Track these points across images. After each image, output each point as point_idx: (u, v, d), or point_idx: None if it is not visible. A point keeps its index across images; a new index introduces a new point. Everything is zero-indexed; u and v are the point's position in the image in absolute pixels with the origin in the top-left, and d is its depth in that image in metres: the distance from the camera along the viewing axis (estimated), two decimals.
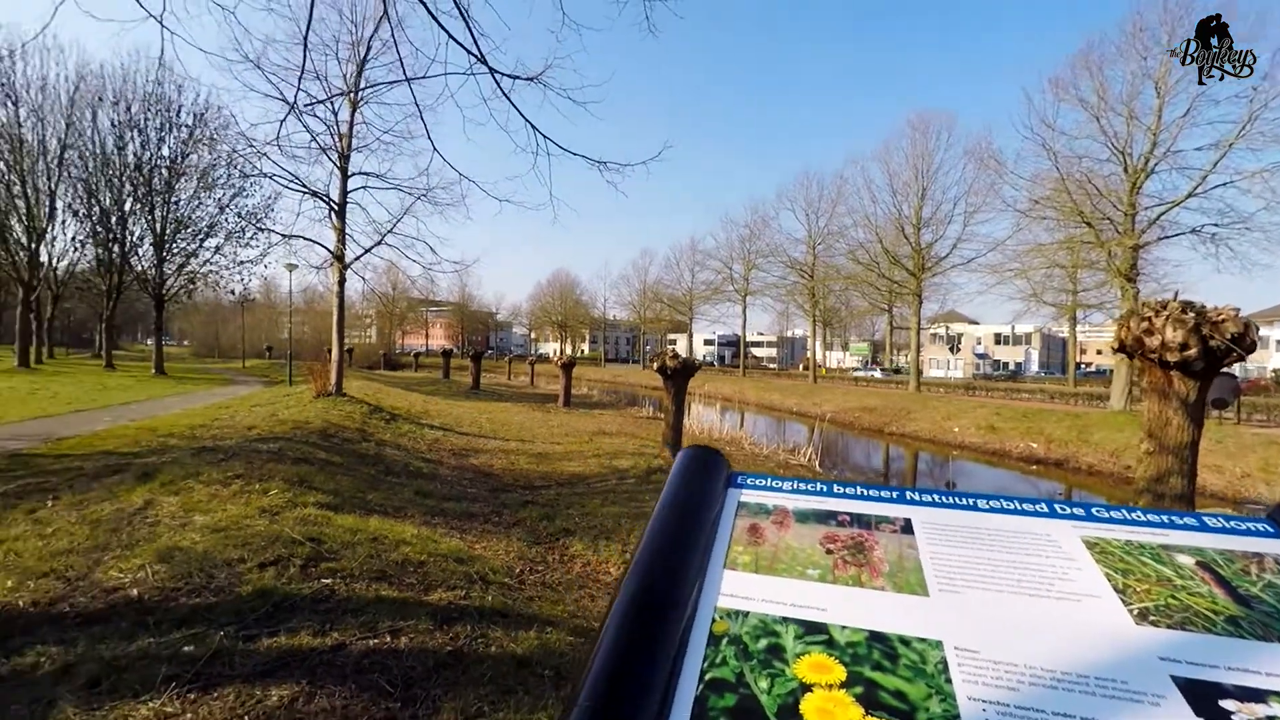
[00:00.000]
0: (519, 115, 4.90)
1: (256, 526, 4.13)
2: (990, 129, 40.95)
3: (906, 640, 0.53)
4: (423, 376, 35.02)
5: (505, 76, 4.77)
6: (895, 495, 0.79)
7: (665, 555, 0.64)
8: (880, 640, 0.53)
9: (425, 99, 17.89)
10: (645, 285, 57.46)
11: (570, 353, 62.12)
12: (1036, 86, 38.04)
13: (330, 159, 14.09)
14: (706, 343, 76.41)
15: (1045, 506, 0.75)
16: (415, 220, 21.14)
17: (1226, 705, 0.44)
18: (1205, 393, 4.47)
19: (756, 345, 77.23)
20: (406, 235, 15.10)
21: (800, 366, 63.15)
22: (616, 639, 0.52)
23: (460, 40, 4.45)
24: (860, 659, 0.50)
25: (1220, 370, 4.40)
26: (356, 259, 15.04)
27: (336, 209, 14.18)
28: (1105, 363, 53.46)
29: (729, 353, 74.68)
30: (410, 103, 26.45)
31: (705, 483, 0.78)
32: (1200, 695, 0.45)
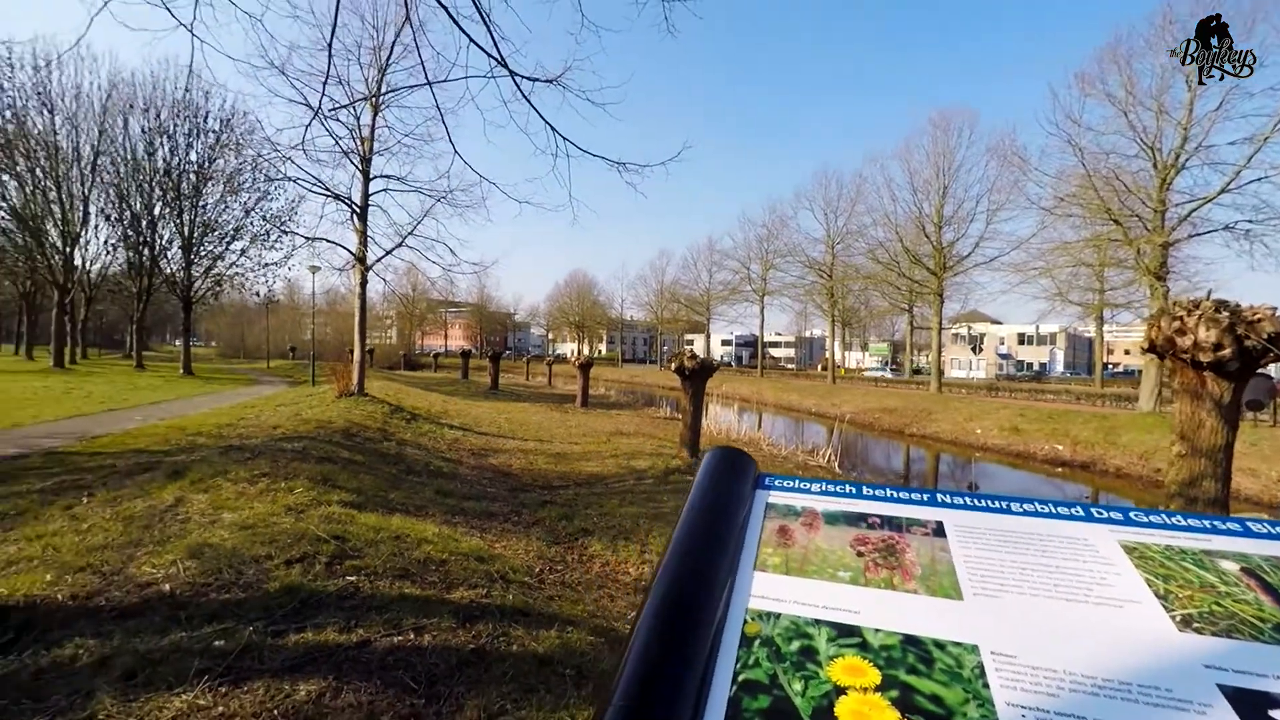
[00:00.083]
0: (539, 117, 4.93)
1: (283, 524, 4.20)
2: (1014, 126, 40.31)
3: (941, 644, 0.52)
4: (442, 377, 35.37)
5: (525, 79, 4.80)
6: (926, 498, 0.78)
7: (695, 556, 0.64)
8: (914, 644, 0.52)
9: (446, 102, 18.06)
10: (662, 285, 57.44)
11: (588, 353, 62.29)
12: (1062, 82, 37.36)
13: (352, 162, 14.29)
14: (724, 343, 76.12)
15: (1081, 510, 0.74)
16: (435, 222, 21.34)
17: (1277, 715, 0.43)
18: (1240, 394, 4.34)
19: (774, 345, 76.77)
20: (427, 237, 15.27)
21: (819, 367, 62.61)
22: (649, 640, 0.52)
23: (481, 44, 4.49)
24: (895, 662, 0.50)
25: (1256, 371, 4.28)
26: (378, 261, 15.23)
27: (358, 212, 14.37)
28: (1133, 363, 52.23)
29: (746, 353, 74.30)
30: (430, 106, 26.73)
31: (733, 484, 0.78)
32: (1248, 704, 0.44)
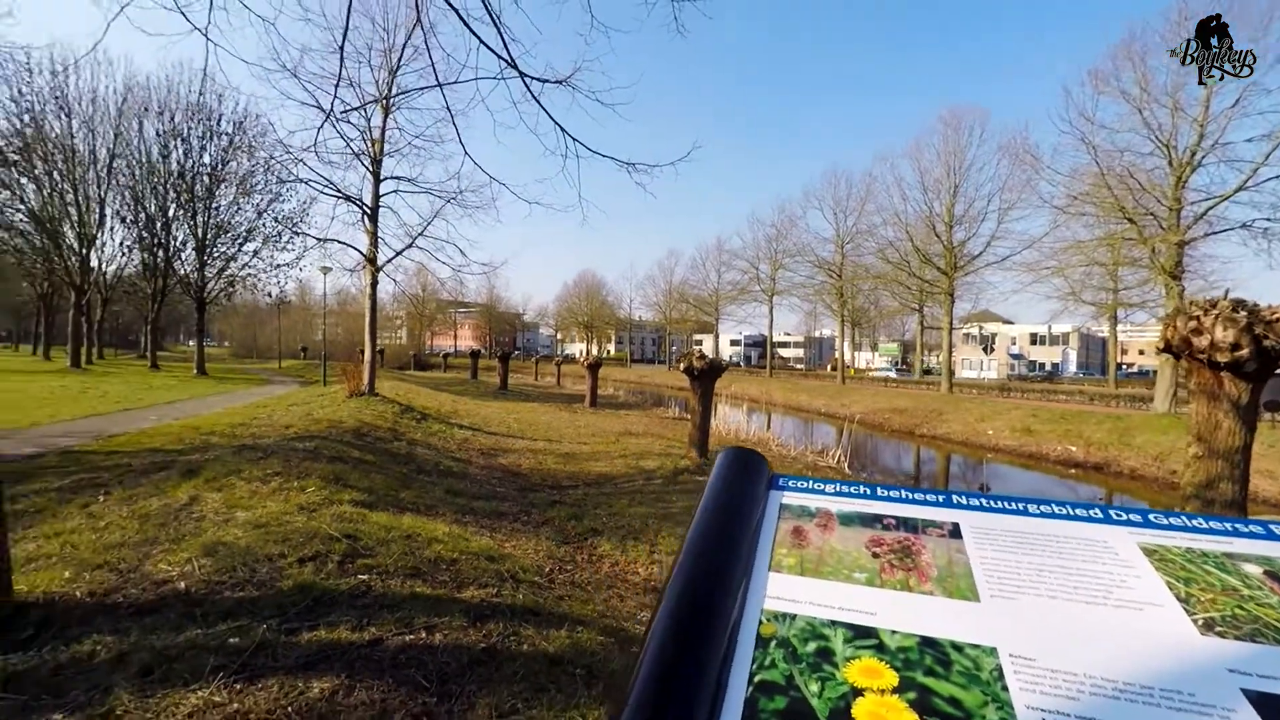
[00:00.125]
0: (549, 118, 4.96)
1: (295, 523, 4.24)
2: (1026, 124, 40.03)
3: (959, 646, 0.52)
4: (451, 377, 35.55)
5: (535, 80, 4.83)
6: (941, 499, 0.78)
7: (709, 557, 0.64)
8: (932, 646, 0.52)
9: (456, 104, 18.18)
10: (671, 286, 57.33)
11: (596, 353, 62.39)
12: (1074, 79, 36.98)
13: (363, 164, 14.39)
14: (733, 343, 75.97)
15: (1099, 512, 0.73)
16: (445, 223, 21.52)
17: None
18: (1258, 395, 4.29)
19: (783, 345, 76.51)
20: (437, 238, 15.37)
21: (828, 367, 62.33)
22: (664, 640, 0.52)
23: (491, 45, 4.52)
24: (912, 664, 0.50)
25: (1274, 372, 4.23)
26: (388, 261, 15.35)
27: (369, 213, 14.48)
28: (1148, 363, 51.63)
29: (755, 353, 74.12)
30: (440, 107, 26.88)
31: (746, 484, 0.77)
32: (1274, 709, 0.43)
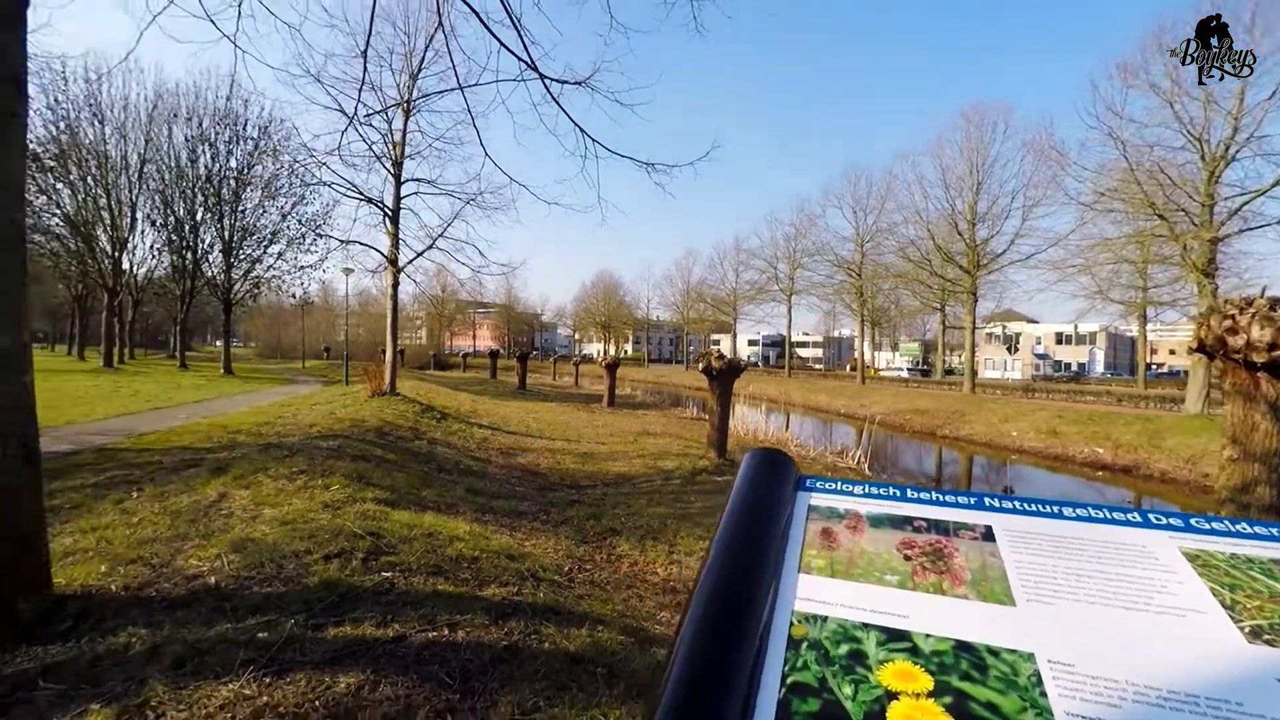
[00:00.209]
0: (568, 119, 4.98)
1: (320, 520, 4.31)
2: (1052, 120, 39.18)
3: (995, 651, 0.51)
4: (471, 377, 35.85)
5: (554, 81, 4.86)
6: (973, 501, 0.76)
7: (738, 558, 0.64)
8: (967, 650, 0.51)
9: (476, 106, 18.33)
10: (689, 285, 57.23)
11: (614, 353, 62.44)
12: (1102, 73, 36.11)
13: (385, 166, 14.59)
14: (750, 343, 75.60)
15: (1138, 516, 0.71)
16: (465, 224, 21.70)
17: None
18: None
19: (802, 345, 75.94)
20: (456, 239, 15.52)
21: (847, 367, 61.74)
22: (695, 641, 0.52)
23: (512, 47, 4.56)
24: (947, 668, 0.49)
25: None
26: (409, 263, 15.53)
27: (390, 214, 14.67)
28: (1179, 363, 50.33)
29: (773, 353, 73.65)
30: (460, 110, 27.11)
31: (774, 486, 0.77)
32: None
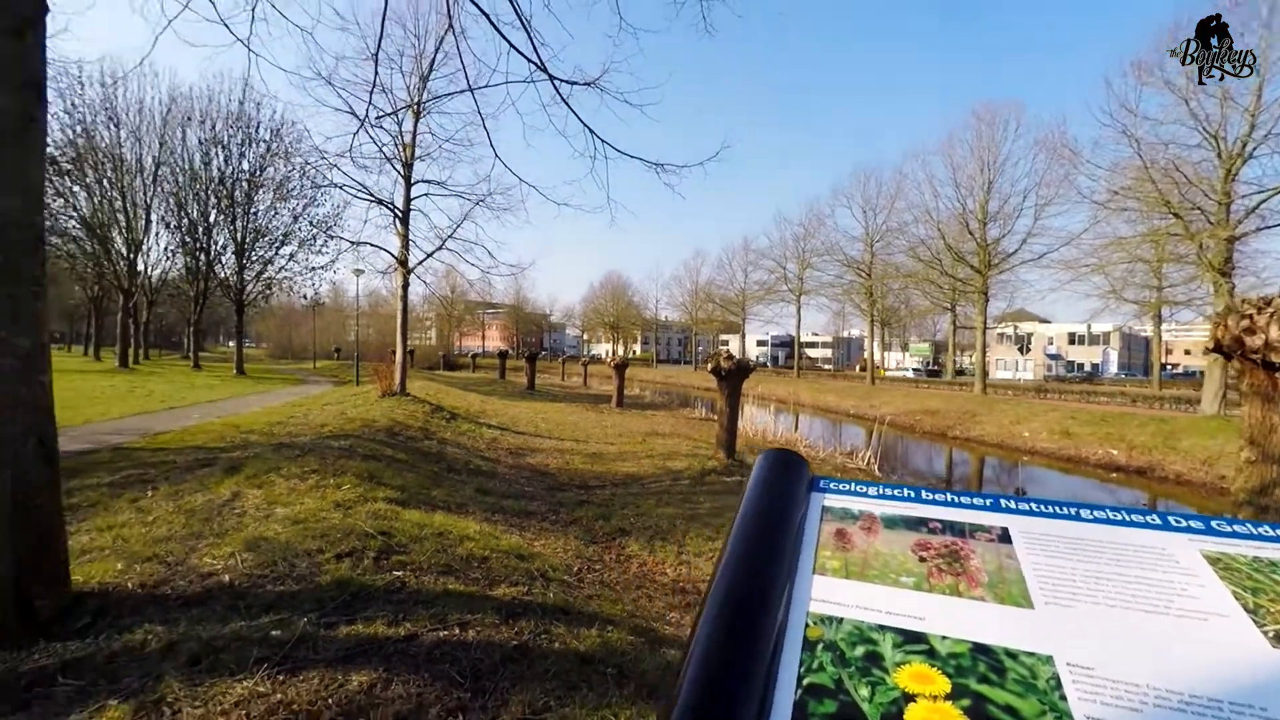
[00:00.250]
0: (577, 120, 4.99)
1: (332, 519, 4.35)
2: (1064, 119, 38.71)
3: (1013, 653, 0.51)
4: (480, 377, 36.01)
5: (564, 82, 4.87)
6: (988, 503, 0.76)
7: (752, 558, 0.63)
8: (985, 652, 0.51)
9: (486, 107, 18.41)
10: (697, 286, 57.22)
11: (622, 354, 62.50)
12: (1116, 70, 35.74)
13: (395, 168, 14.68)
14: (759, 343, 75.38)
15: (1157, 519, 0.70)
16: (474, 225, 21.77)
17: None
18: None
19: (811, 346, 75.67)
20: (466, 240, 15.62)
21: (857, 367, 61.43)
22: (711, 641, 0.52)
23: (521, 49, 4.57)
24: (964, 671, 0.49)
25: None
26: (419, 264, 15.63)
27: (400, 216, 14.76)
28: (1195, 364, 49.66)
29: (782, 353, 73.43)
30: (470, 111, 27.26)
31: (788, 486, 0.76)
32: None
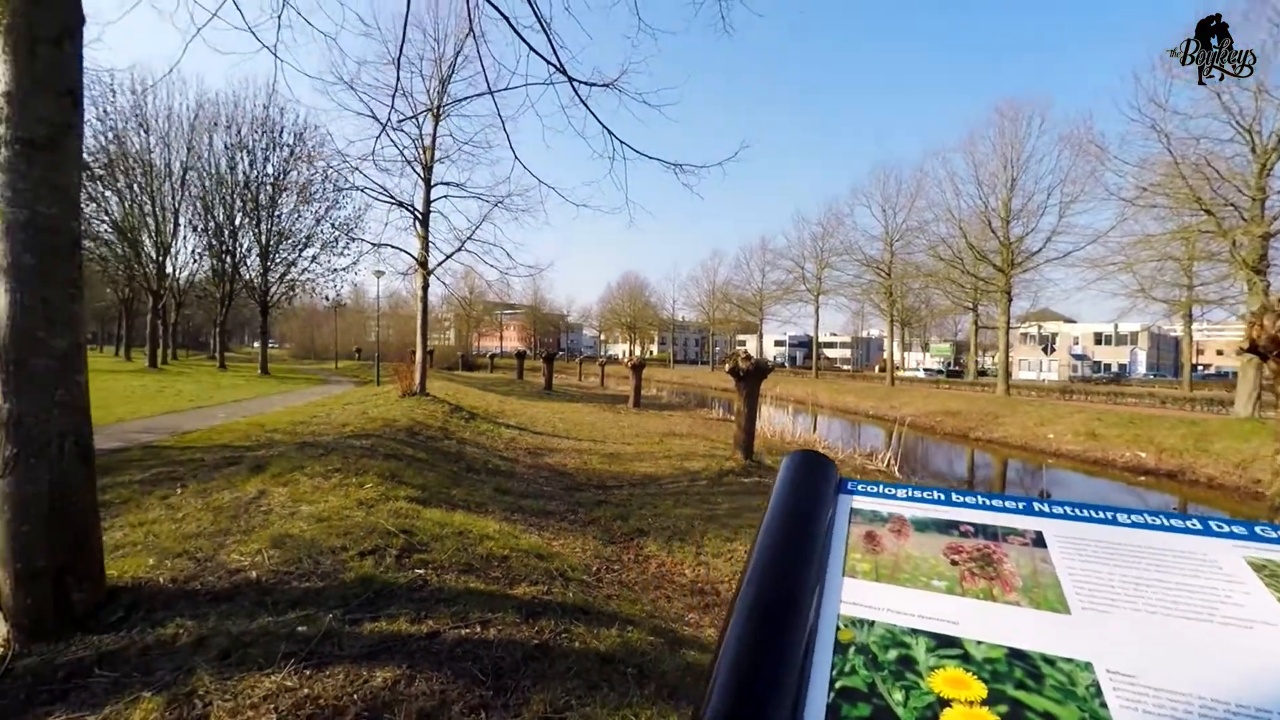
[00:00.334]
0: (596, 121, 5.01)
1: (355, 517, 4.41)
2: (1091, 114, 37.91)
3: (1051, 659, 0.50)
4: (498, 377, 36.29)
5: (583, 84, 4.89)
6: (1022, 506, 0.74)
7: (781, 561, 0.63)
8: (1021, 658, 0.50)
9: (505, 109, 18.58)
10: (714, 286, 57.02)
11: (639, 354, 62.53)
12: (1145, 64, 34.94)
13: (415, 171, 14.86)
14: (777, 344, 74.94)
15: (1197, 524, 0.68)
16: (493, 226, 21.89)
17: None
18: None
19: (829, 346, 75.06)
20: (485, 241, 15.76)
21: (876, 368, 60.76)
22: (741, 643, 0.52)
23: (541, 52, 4.60)
24: (1001, 676, 0.48)
25: None
26: (439, 265, 15.80)
27: (420, 218, 14.93)
28: (1227, 364, 48.35)
29: (800, 354, 72.90)
30: (489, 113, 27.48)
31: (815, 488, 0.76)
32: None
